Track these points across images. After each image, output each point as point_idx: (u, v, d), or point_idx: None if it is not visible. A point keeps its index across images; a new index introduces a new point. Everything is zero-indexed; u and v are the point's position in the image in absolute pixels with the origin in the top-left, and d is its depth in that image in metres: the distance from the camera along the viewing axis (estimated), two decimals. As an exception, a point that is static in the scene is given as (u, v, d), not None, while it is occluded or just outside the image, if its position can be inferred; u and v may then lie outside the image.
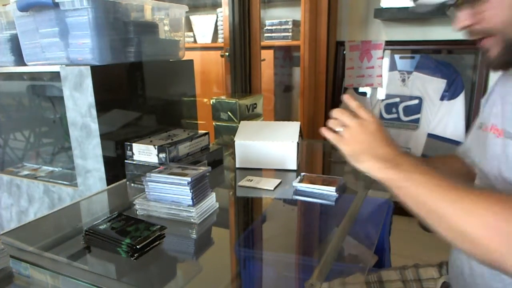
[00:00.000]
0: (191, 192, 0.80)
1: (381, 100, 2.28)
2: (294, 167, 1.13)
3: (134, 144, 1.05)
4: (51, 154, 1.45)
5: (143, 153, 1.04)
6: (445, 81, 2.11)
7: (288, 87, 2.76)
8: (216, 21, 2.66)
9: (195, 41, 2.76)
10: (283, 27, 2.49)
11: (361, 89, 2.34)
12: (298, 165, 1.15)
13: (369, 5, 2.22)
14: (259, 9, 1.83)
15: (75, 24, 1.06)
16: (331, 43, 2.23)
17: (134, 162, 1.05)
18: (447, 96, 2.11)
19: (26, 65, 1.23)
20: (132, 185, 1.06)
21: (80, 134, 1.11)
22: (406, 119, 2.23)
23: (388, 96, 2.26)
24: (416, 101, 2.19)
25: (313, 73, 2.20)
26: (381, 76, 2.25)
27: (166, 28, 1.33)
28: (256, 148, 1.14)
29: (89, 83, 1.04)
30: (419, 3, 0.73)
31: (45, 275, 0.66)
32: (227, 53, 1.86)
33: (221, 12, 2.58)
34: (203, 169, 0.84)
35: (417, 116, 2.20)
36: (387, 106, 2.27)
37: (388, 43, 2.21)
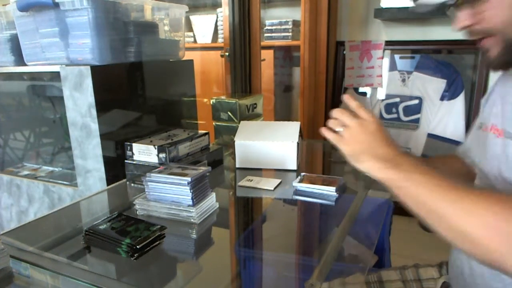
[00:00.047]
0: (191, 192, 0.80)
1: (381, 100, 2.28)
2: (294, 167, 1.13)
3: (134, 144, 1.05)
4: (51, 154, 1.45)
5: (143, 153, 1.04)
6: (445, 81, 2.11)
7: (288, 87, 2.76)
8: (216, 21, 2.66)
9: (195, 41, 2.77)
10: (283, 27, 2.49)
11: (361, 89, 2.34)
12: (298, 165, 1.15)
13: (369, 5, 2.22)
14: (259, 9, 1.83)
15: (75, 24, 1.06)
16: (331, 43, 2.23)
17: (134, 162, 1.05)
18: (447, 96, 2.11)
19: (26, 65, 1.23)
20: (132, 185, 1.06)
21: (80, 134, 1.11)
22: (406, 119, 2.23)
23: (388, 96, 2.26)
24: (416, 101, 2.19)
25: (313, 73, 2.20)
26: (381, 76, 2.25)
27: (166, 28, 1.33)
28: (256, 148, 1.14)
29: (89, 83, 1.04)
30: (419, 3, 0.73)
31: (45, 275, 0.66)
32: (227, 53, 1.86)
33: (221, 12, 2.58)
34: (203, 169, 0.84)
35: (417, 116, 2.20)
36: (387, 106, 2.27)
37: (388, 43, 2.21)
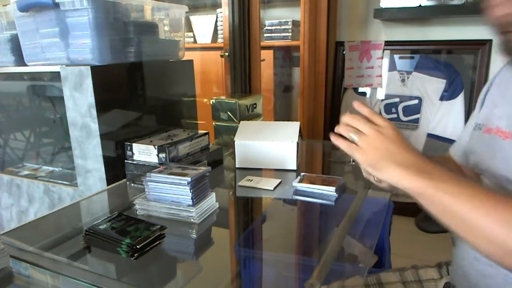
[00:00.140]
0: (191, 192, 0.80)
1: (380, 100, 2.29)
2: (294, 167, 1.14)
3: (134, 144, 1.05)
4: (51, 154, 1.45)
5: (143, 153, 1.04)
6: (444, 81, 2.11)
7: (288, 87, 2.76)
8: (216, 21, 2.67)
9: (195, 41, 2.77)
10: (282, 27, 2.49)
11: (360, 89, 2.34)
12: (298, 165, 1.15)
13: (368, 5, 2.22)
14: (259, 9, 1.83)
15: (75, 24, 1.06)
16: (330, 43, 2.23)
17: (134, 162, 1.05)
18: (446, 96, 2.11)
19: (26, 65, 1.23)
20: (132, 185, 1.07)
21: (80, 134, 1.11)
22: (406, 119, 2.23)
23: (388, 96, 2.26)
24: (416, 101, 2.19)
25: (313, 73, 2.20)
26: (380, 76, 2.25)
27: (166, 28, 1.33)
28: (256, 148, 1.14)
29: (89, 83, 1.04)
30: None
31: (45, 275, 0.66)
32: (227, 53, 1.86)
33: (221, 13, 2.58)
34: (203, 169, 0.84)
35: (416, 116, 2.20)
36: (386, 106, 2.27)
37: (388, 43, 2.21)
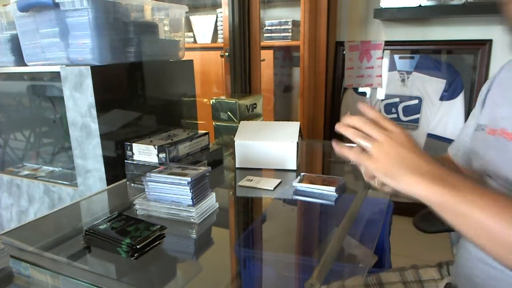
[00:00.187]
0: (191, 192, 0.80)
1: (380, 100, 2.29)
2: (294, 167, 1.14)
3: (134, 144, 1.05)
4: (51, 154, 1.45)
5: (143, 153, 1.04)
6: (444, 81, 2.11)
7: (288, 87, 2.76)
8: (216, 21, 2.66)
9: (195, 41, 2.77)
10: (282, 27, 2.49)
11: (360, 89, 2.34)
12: (298, 165, 1.15)
13: (368, 5, 2.22)
14: (259, 9, 1.83)
15: (75, 24, 1.06)
16: (330, 43, 2.23)
17: (134, 162, 1.05)
18: (446, 96, 2.11)
19: (26, 65, 1.23)
20: (132, 185, 1.07)
21: (80, 134, 1.11)
22: (406, 119, 2.23)
23: (388, 96, 2.26)
24: (416, 101, 2.19)
25: (313, 73, 2.20)
26: (380, 76, 2.25)
27: (166, 28, 1.33)
28: (256, 148, 1.14)
29: (89, 83, 1.04)
30: None
31: (45, 275, 0.66)
32: (227, 53, 1.86)
33: (221, 13, 2.58)
34: (203, 169, 0.84)
35: (416, 116, 2.20)
36: (386, 106, 2.27)
37: (388, 43, 2.21)
